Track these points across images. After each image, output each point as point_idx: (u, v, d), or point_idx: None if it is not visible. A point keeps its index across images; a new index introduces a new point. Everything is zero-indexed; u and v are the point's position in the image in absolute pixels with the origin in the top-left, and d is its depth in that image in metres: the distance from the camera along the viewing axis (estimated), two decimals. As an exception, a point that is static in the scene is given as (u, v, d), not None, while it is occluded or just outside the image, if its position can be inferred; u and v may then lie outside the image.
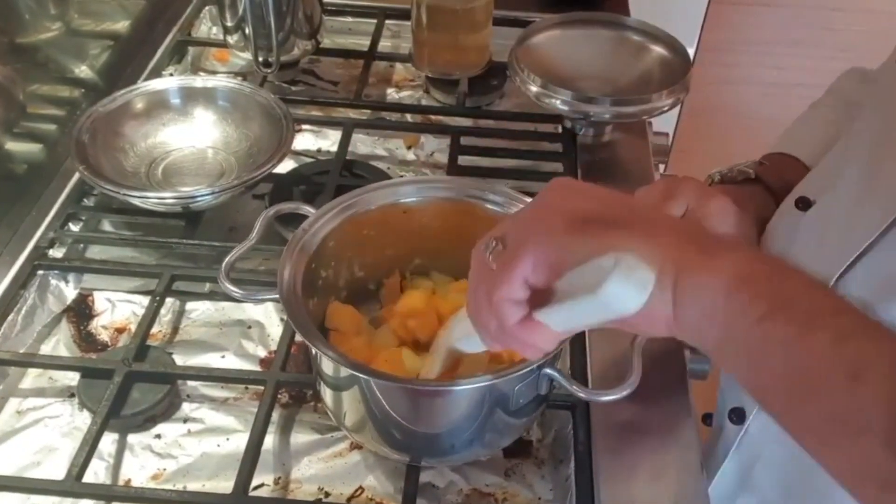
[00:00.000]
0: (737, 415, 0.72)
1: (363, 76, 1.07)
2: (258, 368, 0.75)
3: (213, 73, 1.11)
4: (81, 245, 0.85)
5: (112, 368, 0.70)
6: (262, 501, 0.66)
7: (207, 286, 0.81)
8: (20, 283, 0.77)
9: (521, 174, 0.94)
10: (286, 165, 0.92)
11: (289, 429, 0.71)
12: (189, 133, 0.92)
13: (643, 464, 0.66)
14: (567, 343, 0.62)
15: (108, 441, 0.69)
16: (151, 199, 0.82)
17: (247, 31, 1.00)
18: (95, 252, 0.85)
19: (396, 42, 1.19)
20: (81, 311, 0.80)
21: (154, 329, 0.76)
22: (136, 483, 0.67)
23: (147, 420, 0.70)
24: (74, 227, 0.86)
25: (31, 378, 0.74)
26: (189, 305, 0.81)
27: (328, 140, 1.01)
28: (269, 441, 0.69)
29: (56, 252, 0.83)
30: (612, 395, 0.59)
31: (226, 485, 0.65)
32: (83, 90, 0.97)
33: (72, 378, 0.73)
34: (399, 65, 1.14)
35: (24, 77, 0.87)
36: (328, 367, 0.62)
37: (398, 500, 0.64)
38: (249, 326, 0.79)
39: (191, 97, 0.92)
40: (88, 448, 0.65)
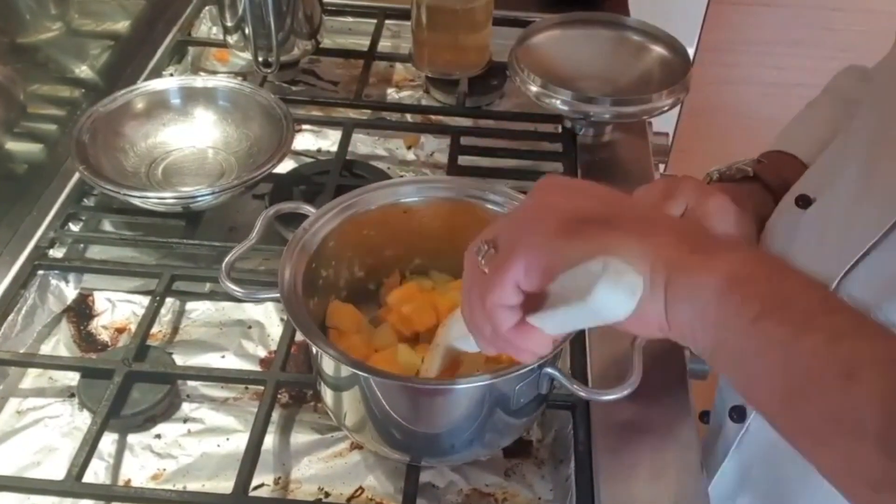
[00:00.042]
0: (737, 413, 0.72)
1: (363, 76, 1.07)
2: (258, 368, 0.75)
3: (214, 73, 1.11)
4: (81, 245, 0.85)
5: (112, 368, 0.70)
6: (262, 501, 0.66)
7: (207, 286, 0.81)
8: (20, 283, 0.77)
9: (521, 174, 0.94)
10: (286, 165, 0.92)
11: (289, 429, 0.71)
12: (189, 133, 0.92)
13: (643, 463, 0.66)
14: (567, 343, 0.62)
15: (108, 441, 0.69)
16: (151, 199, 0.82)
17: (247, 31, 1.00)
18: (95, 252, 0.85)
19: (396, 42, 1.19)
20: (81, 311, 0.80)
21: (154, 329, 0.76)
22: (136, 483, 0.67)
23: (147, 420, 0.70)
24: (74, 227, 0.86)
25: (31, 378, 0.74)
26: (189, 305, 0.81)
27: (328, 140, 1.01)
28: (269, 441, 0.69)
29: (56, 252, 0.83)
30: (613, 395, 0.59)
31: (226, 485, 0.65)
32: (83, 90, 0.97)
33: (72, 378, 0.73)
34: (399, 65, 1.14)
35: (25, 77, 0.87)
36: (328, 366, 0.62)
37: (398, 500, 0.64)
38: (249, 326, 0.79)
39: (191, 97, 0.92)
40: (88, 448, 0.65)
